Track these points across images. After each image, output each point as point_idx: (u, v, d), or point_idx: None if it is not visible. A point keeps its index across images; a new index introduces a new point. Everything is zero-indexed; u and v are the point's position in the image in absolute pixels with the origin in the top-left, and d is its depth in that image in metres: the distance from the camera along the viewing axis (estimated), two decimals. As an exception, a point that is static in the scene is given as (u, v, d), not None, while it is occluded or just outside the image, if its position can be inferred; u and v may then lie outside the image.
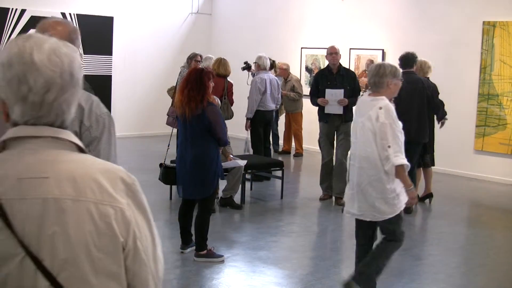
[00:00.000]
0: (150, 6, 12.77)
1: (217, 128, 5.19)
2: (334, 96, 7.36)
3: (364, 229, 4.36)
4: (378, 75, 4.08)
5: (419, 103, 6.96)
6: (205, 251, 5.34)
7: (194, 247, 5.41)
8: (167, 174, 6.27)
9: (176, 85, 8.96)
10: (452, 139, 9.22)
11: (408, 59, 7.02)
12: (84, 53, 11.82)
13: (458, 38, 9.63)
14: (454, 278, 5.04)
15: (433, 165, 7.68)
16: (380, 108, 4.00)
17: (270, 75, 8.88)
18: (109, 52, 12.18)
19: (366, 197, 4.13)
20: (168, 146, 7.74)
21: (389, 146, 3.94)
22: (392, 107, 4.09)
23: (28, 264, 1.32)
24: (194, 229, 5.37)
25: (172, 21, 13.19)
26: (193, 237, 5.47)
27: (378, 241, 4.37)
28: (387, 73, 4.08)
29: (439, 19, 9.89)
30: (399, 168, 3.98)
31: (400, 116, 6.90)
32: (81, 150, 1.44)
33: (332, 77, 7.49)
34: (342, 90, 7.34)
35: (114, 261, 1.37)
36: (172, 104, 8.66)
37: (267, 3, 12.66)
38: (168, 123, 8.90)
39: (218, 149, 5.42)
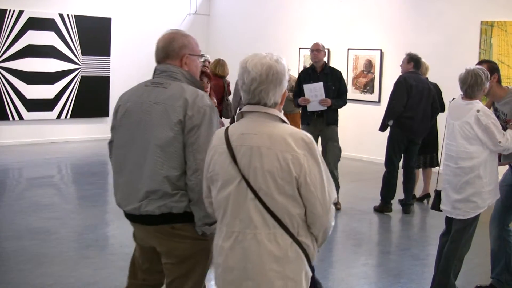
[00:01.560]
0: (148, 7, 12.76)
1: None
2: (314, 91, 6.96)
3: (452, 226, 4.47)
4: (477, 84, 4.23)
5: (425, 103, 7.02)
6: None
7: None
8: None
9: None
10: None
11: (418, 61, 7.12)
12: (82, 54, 11.84)
13: (456, 38, 9.62)
14: (453, 278, 5.01)
15: (438, 165, 7.42)
16: (478, 111, 4.15)
17: None
18: (107, 53, 12.17)
19: (462, 195, 4.25)
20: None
21: (499, 142, 4.16)
22: (485, 107, 4.27)
23: (243, 184, 2.31)
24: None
25: (170, 22, 13.12)
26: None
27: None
28: (484, 81, 4.24)
29: (437, 19, 9.89)
30: None
31: (405, 113, 6.99)
32: (283, 121, 2.38)
33: (315, 75, 7.07)
34: (321, 83, 6.90)
35: (290, 187, 2.28)
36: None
37: (265, 3, 12.65)
38: None
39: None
